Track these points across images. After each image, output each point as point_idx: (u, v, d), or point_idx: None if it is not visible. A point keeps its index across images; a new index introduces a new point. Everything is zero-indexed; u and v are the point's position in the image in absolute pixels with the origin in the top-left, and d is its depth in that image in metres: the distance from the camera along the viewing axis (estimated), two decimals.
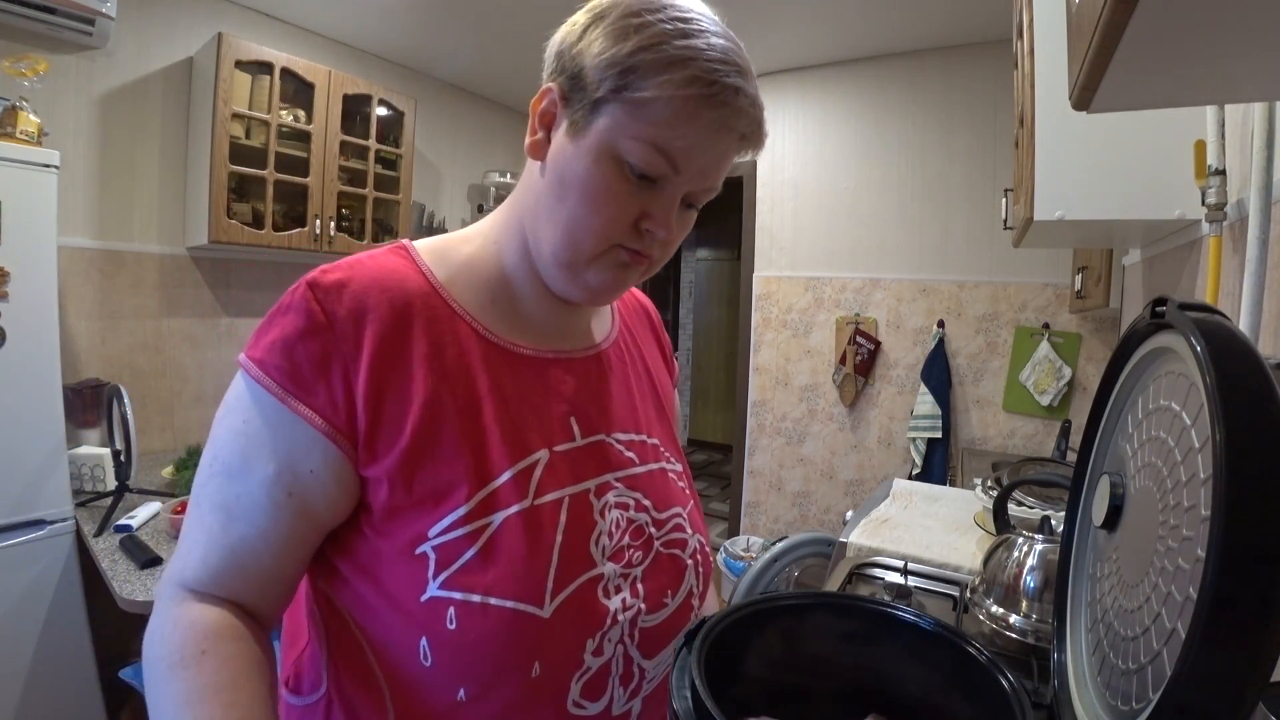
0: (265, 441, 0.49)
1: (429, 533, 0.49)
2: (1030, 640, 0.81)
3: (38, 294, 1.71)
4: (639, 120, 0.48)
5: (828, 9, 2.62)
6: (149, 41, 2.35)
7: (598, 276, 0.54)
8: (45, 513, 1.75)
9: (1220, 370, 0.35)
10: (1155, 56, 0.49)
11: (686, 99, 0.48)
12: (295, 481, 0.49)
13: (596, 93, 0.49)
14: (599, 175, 0.50)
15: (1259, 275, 0.89)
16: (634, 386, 0.67)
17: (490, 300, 0.57)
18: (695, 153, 0.50)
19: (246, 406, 0.49)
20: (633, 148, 0.49)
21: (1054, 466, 1.48)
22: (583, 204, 0.51)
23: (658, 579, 0.58)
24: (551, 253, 0.54)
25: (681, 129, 0.49)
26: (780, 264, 3.36)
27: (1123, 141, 1.15)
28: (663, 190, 0.52)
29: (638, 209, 0.52)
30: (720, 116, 0.49)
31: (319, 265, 0.52)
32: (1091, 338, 2.68)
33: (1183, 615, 0.37)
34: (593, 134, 0.50)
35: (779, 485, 3.40)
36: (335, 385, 0.49)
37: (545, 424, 0.56)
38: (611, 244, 0.53)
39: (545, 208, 0.54)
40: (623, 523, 0.57)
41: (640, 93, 0.48)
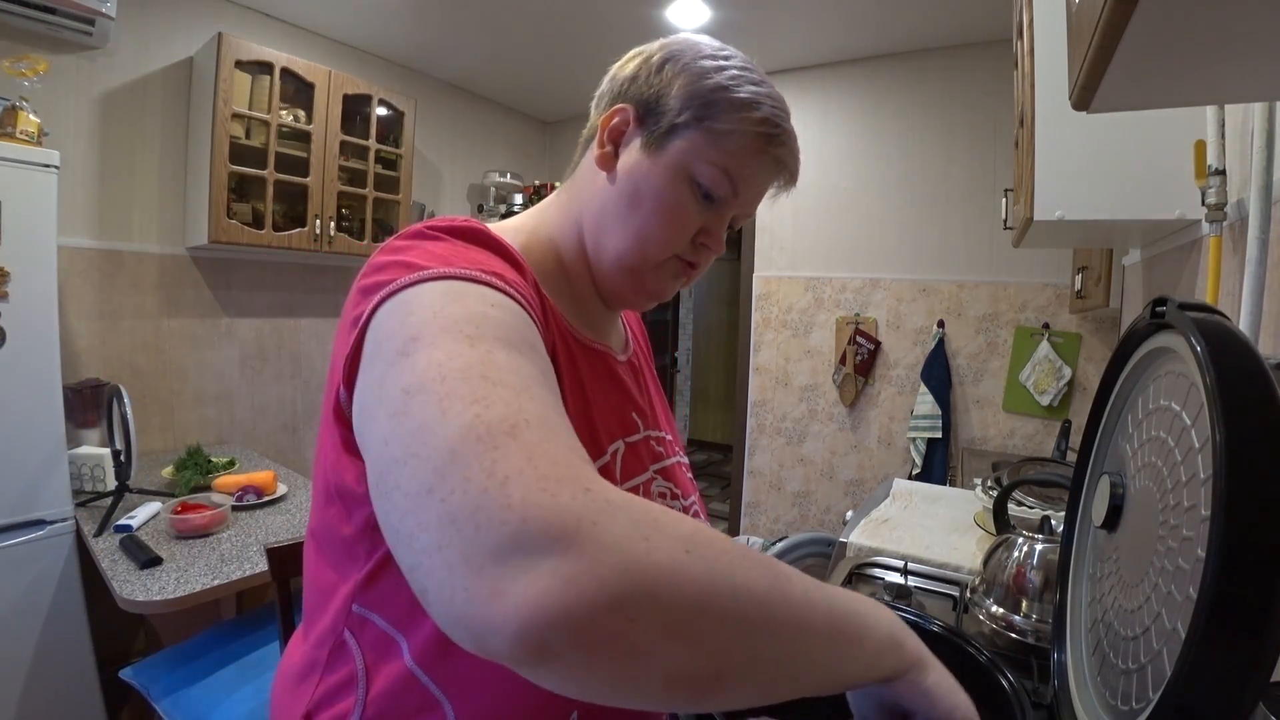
0: (521, 330, 0.40)
1: None
2: (1030, 640, 0.81)
3: (38, 294, 1.71)
4: (715, 148, 0.56)
5: (828, 9, 2.62)
6: (149, 41, 2.35)
7: (656, 283, 0.60)
8: (45, 513, 1.75)
9: (1220, 370, 0.35)
10: (1155, 56, 0.49)
11: (757, 135, 0.56)
12: (546, 368, 0.40)
13: (677, 118, 0.56)
14: (674, 191, 0.56)
15: (1259, 275, 0.89)
16: (651, 387, 0.73)
17: (558, 293, 0.60)
18: (753, 182, 0.58)
19: (478, 299, 0.39)
20: (706, 171, 0.56)
21: (1054, 466, 1.48)
22: (656, 215, 0.57)
23: None
24: (618, 256, 0.58)
25: (749, 160, 0.56)
26: (780, 264, 3.36)
27: (1123, 141, 1.15)
28: (720, 211, 0.59)
29: (698, 225, 0.58)
30: (779, 154, 0.58)
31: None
32: (1091, 338, 2.68)
33: (1183, 615, 0.37)
34: (670, 153, 0.56)
35: (779, 485, 3.40)
36: (536, 307, 0.48)
37: (620, 416, 0.62)
38: (673, 254, 0.59)
39: (615, 215, 0.58)
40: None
41: (719, 124, 0.55)
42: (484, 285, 0.41)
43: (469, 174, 3.66)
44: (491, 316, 0.39)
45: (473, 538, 0.27)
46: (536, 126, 4.08)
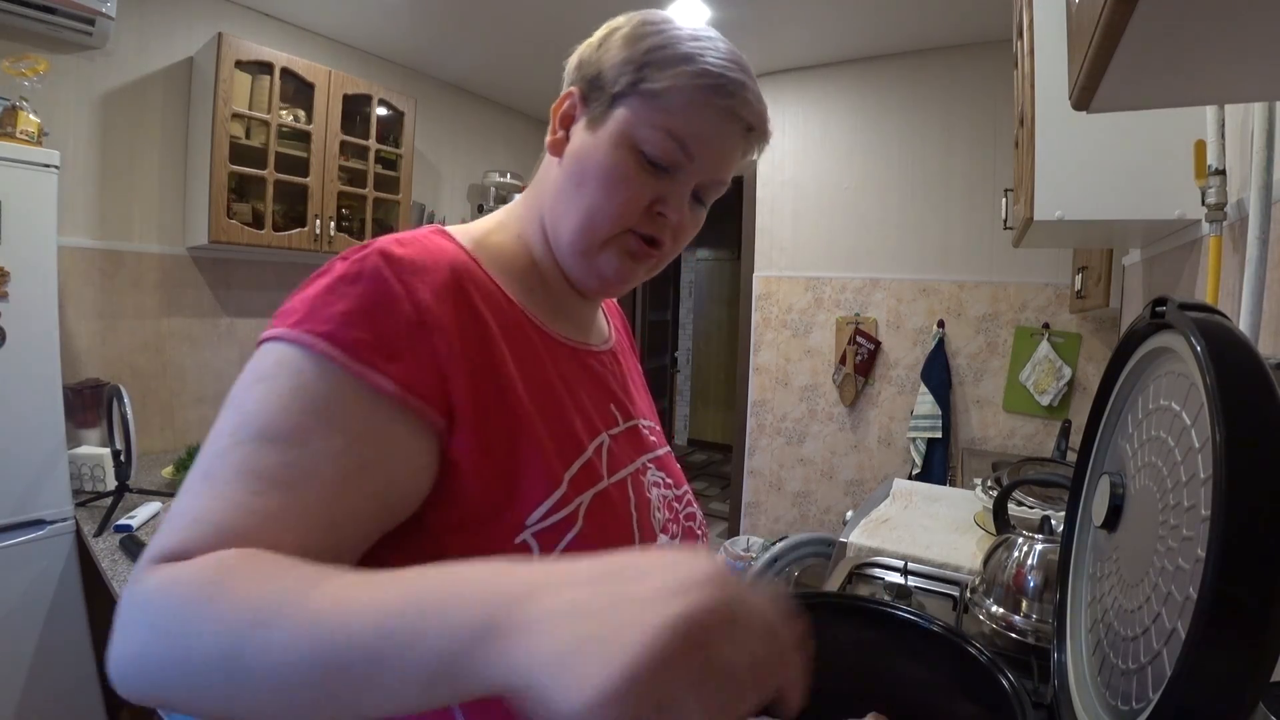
0: (330, 411, 0.41)
1: (527, 520, 0.47)
2: (1030, 640, 0.81)
3: (38, 294, 1.71)
4: (654, 109, 0.53)
5: (828, 9, 2.62)
6: (149, 41, 2.35)
7: (610, 263, 0.57)
8: (45, 513, 1.75)
9: (1220, 370, 0.35)
10: (1155, 56, 0.49)
11: (698, 88, 0.52)
12: (368, 455, 0.41)
13: (614, 88, 0.54)
14: (616, 161, 0.53)
15: (1259, 275, 0.89)
16: (634, 380, 0.71)
17: (528, 290, 0.58)
18: (705, 140, 0.54)
19: (296, 375, 0.42)
20: (648, 135, 0.53)
21: (1054, 466, 1.48)
22: (600, 189, 0.54)
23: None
24: (569, 239, 0.56)
25: (693, 115, 0.53)
26: (780, 264, 3.36)
27: (1123, 141, 1.15)
28: (676, 178, 0.55)
29: (651, 194, 0.55)
30: (728, 105, 0.53)
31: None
32: (1091, 338, 2.68)
33: (1183, 615, 0.37)
34: (610, 124, 0.54)
35: (779, 485, 3.40)
36: (422, 357, 0.44)
37: (600, 409, 0.59)
38: (625, 228, 0.55)
39: (565, 196, 0.56)
40: (661, 501, 0.61)
41: (655, 84, 0.52)
42: (316, 353, 0.42)
43: (469, 174, 3.66)
44: (275, 408, 0.41)
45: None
46: (536, 126, 4.08)
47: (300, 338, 0.42)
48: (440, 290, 0.47)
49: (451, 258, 0.51)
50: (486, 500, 0.47)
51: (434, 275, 0.48)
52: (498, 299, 0.53)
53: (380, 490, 0.43)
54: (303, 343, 0.42)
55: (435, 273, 0.48)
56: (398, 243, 0.48)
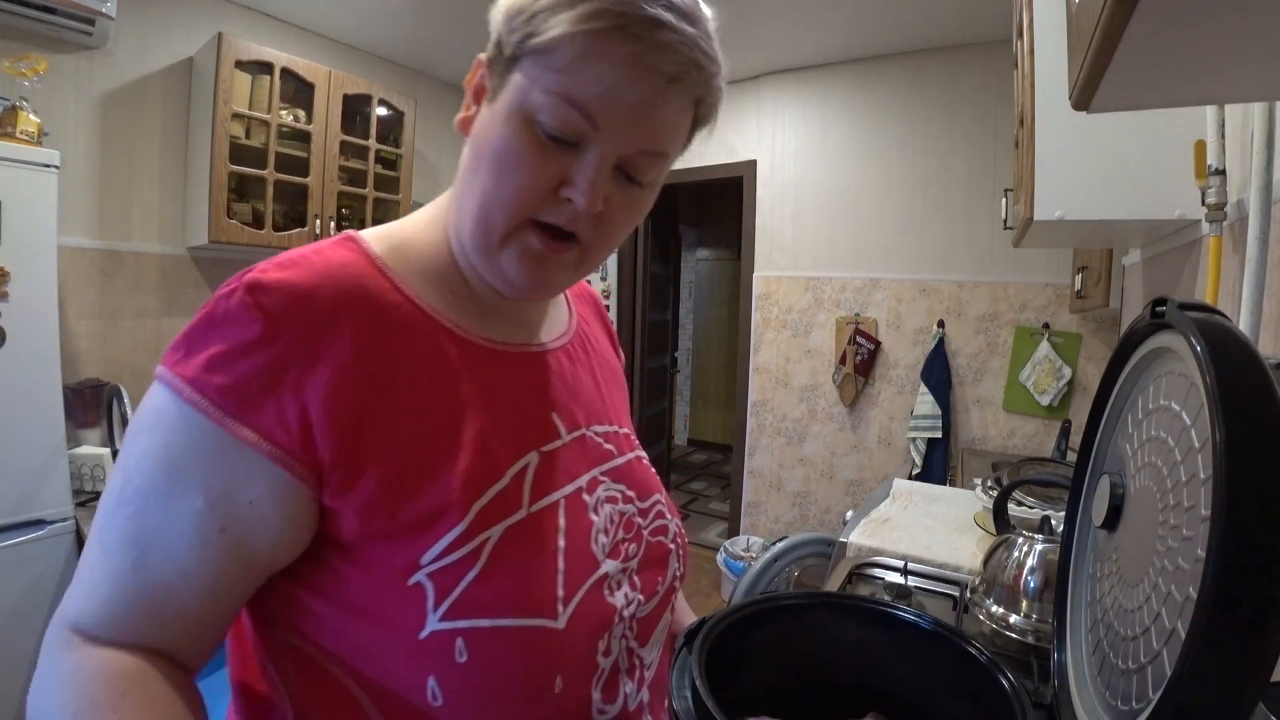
0: (194, 468, 0.41)
1: (421, 560, 0.43)
2: (1030, 640, 0.81)
3: (38, 294, 1.71)
4: (545, 69, 0.43)
5: (829, 9, 2.62)
6: (149, 41, 2.35)
7: (511, 262, 0.48)
8: (45, 513, 1.75)
9: (1220, 370, 0.35)
10: (1155, 56, 0.49)
11: (591, 34, 0.42)
12: (230, 516, 0.41)
13: (508, 50, 0.45)
14: (508, 138, 0.45)
15: (1259, 275, 0.89)
16: (599, 376, 0.64)
17: (451, 294, 0.52)
18: (611, 101, 0.43)
19: (169, 427, 0.41)
20: (542, 103, 0.43)
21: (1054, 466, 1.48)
22: (494, 171, 0.46)
23: (650, 569, 0.56)
24: (469, 236, 0.49)
25: (589, 71, 0.42)
26: (780, 264, 3.36)
27: (1123, 141, 1.15)
28: (584, 153, 0.45)
29: (554, 175, 0.45)
30: (634, 52, 0.42)
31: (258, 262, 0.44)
32: (1091, 338, 2.68)
33: (1183, 615, 0.37)
34: (504, 95, 0.46)
35: (779, 485, 3.40)
36: (286, 404, 0.41)
37: (530, 424, 0.52)
38: (525, 216, 0.46)
39: (463, 185, 0.49)
40: (615, 517, 0.55)
41: (542, 37, 0.43)
42: (183, 401, 0.41)
43: None
44: (148, 467, 0.42)
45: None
46: None
47: (171, 381, 0.41)
48: (318, 320, 0.43)
49: (343, 275, 0.45)
50: (374, 542, 0.43)
51: (312, 304, 0.43)
52: (402, 312, 0.47)
53: (245, 547, 0.42)
54: (173, 388, 0.41)
55: (315, 300, 0.43)
56: (279, 266, 0.43)
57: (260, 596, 0.46)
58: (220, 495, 0.41)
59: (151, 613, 0.42)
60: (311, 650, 0.46)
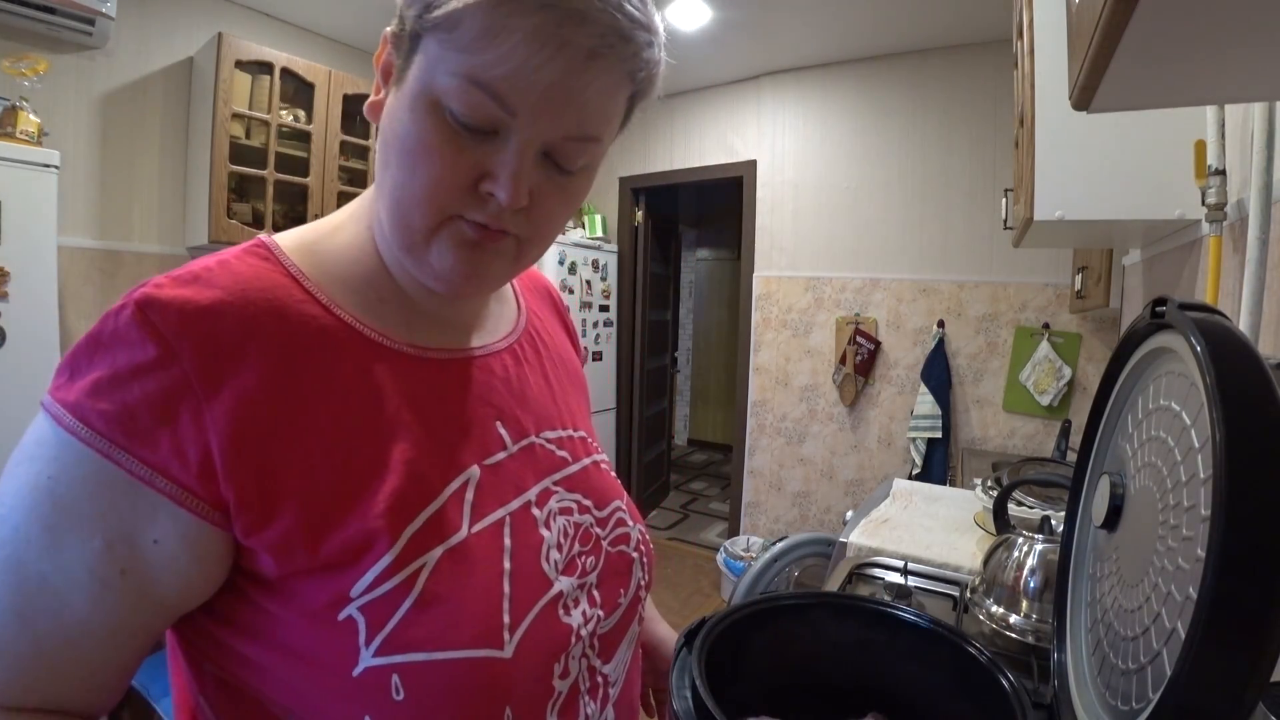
0: (85, 508, 0.36)
1: (351, 593, 0.39)
2: (1030, 640, 0.81)
3: (38, 294, 1.72)
4: (448, 48, 0.38)
5: (828, 9, 2.62)
6: (149, 41, 2.35)
7: (441, 259, 0.43)
8: None
9: (1220, 370, 0.35)
10: (1155, 56, 0.49)
11: (493, 4, 0.37)
12: (132, 556, 0.37)
13: (410, 25, 0.40)
14: (417, 128, 0.40)
15: (1259, 275, 0.89)
16: (552, 376, 0.59)
17: (378, 299, 0.47)
18: (524, 82, 0.38)
19: (54, 460, 0.37)
20: (448, 86, 0.39)
21: (1054, 466, 1.48)
22: (402, 167, 0.41)
23: (610, 581, 0.53)
24: (391, 233, 0.45)
25: (495, 49, 0.37)
26: (780, 264, 3.36)
27: (1123, 141, 1.15)
28: (504, 142, 0.40)
29: (470, 168, 0.41)
30: (544, 23, 0.37)
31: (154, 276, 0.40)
32: (1091, 338, 2.68)
33: (1183, 615, 0.37)
34: (409, 79, 0.41)
35: (779, 485, 3.40)
36: (184, 434, 0.37)
37: (470, 435, 0.48)
38: (445, 214, 0.42)
39: (378, 178, 0.44)
40: (570, 529, 0.51)
41: (442, 9, 0.38)
42: (67, 431, 0.37)
43: None
44: (31, 504, 0.37)
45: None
46: None
47: (56, 411, 0.37)
48: (221, 342, 0.38)
49: (251, 288, 0.41)
50: (297, 576, 0.39)
51: (214, 323, 0.38)
52: (319, 325, 0.43)
53: (149, 591, 0.38)
54: (53, 414, 0.37)
55: (218, 319, 0.39)
56: (177, 281, 0.39)
57: (184, 634, 0.43)
58: (120, 535, 0.37)
59: (45, 668, 0.38)
60: (242, 687, 0.43)
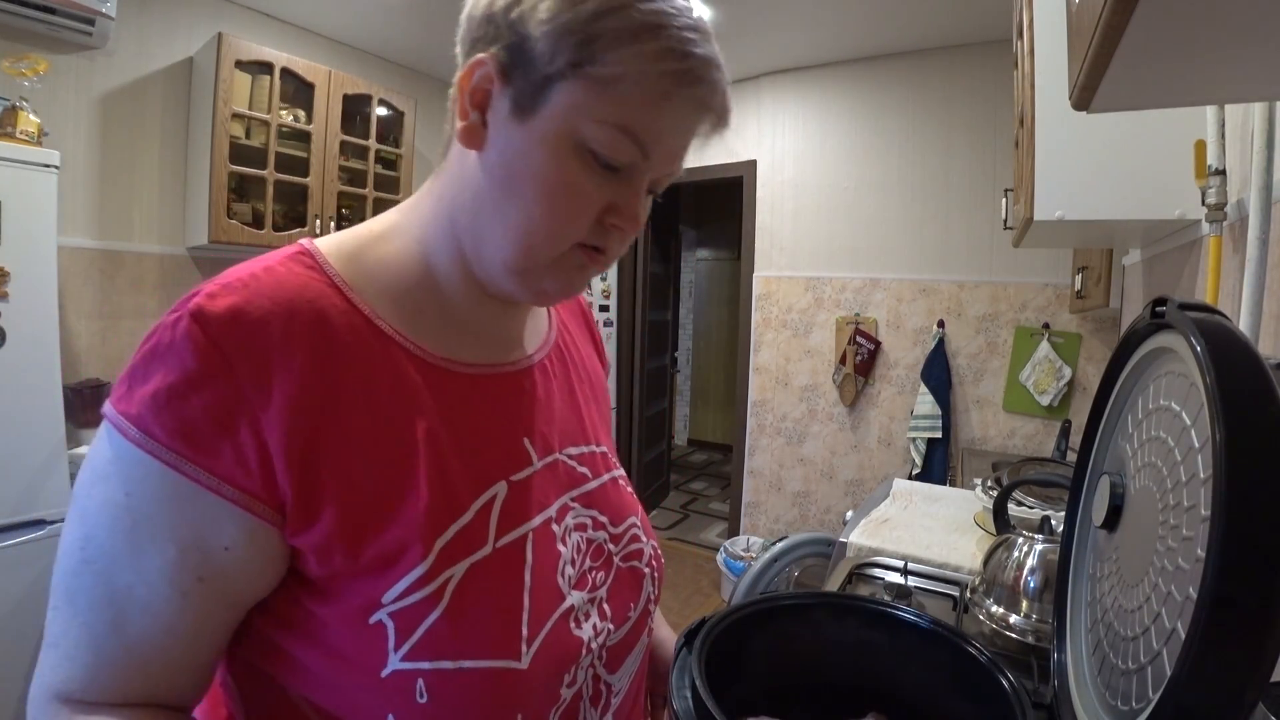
0: (159, 520, 0.39)
1: (383, 599, 0.42)
2: (1030, 640, 0.81)
3: (38, 294, 1.71)
4: (604, 100, 0.42)
5: (828, 9, 2.62)
6: (149, 41, 2.35)
7: (555, 282, 0.48)
8: (45, 513, 1.75)
9: (1220, 370, 0.35)
10: (1155, 56, 0.49)
11: (661, 75, 0.42)
12: (207, 563, 0.40)
13: (549, 67, 0.42)
14: (558, 167, 0.43)
15: (1259, 275, 0.89)
16: (577, 391, 0.61)
17: (418, 311, 0.49)
18: (668, 135, 0.45)
19: (127, 476, 0.39)
20: (598, 133, 0.42)
21: (1054, 466, 1.48)
22: (540, 202, 0.44)
23: (621, 595, 0.55)
24: (502, 259, 0.47)
25: (655, 109, 0.43)
26: (780, 264, 3.36)
27: (1123, 141, 1.15)
28: (630, 179, 0.45)
29: (602, 202, 0.45)
30: (697, 94, 0.44)
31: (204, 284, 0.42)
32: (1091, 338, 2.68)
33: (1183, 615, 0.37)
34: (546, 117, 0.43)
35: (779, 485, 3.40)
36: (244, 442, 0.39)
37: (499, 451, 0.50)
38: (572, 243, 0.46)
39: (491, 206, 0.46)
40: (583, 545, 0.53)
41: (604, 68, 0.41)
42: (135, 445, 0.39)
43: None
44: (111, 521, 0.40)
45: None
46: None
47: (118, 421, 0.39)
48: (271, 350, 0.40)
49: (298, 298, 0.43)
50: (334, 580, 0.42)
51: (264, 333, 0.40)
52: (361, 336, 0.45)
53: (226, 592, 0.42)
54: (120, 429, 0.39)
55: (267, 328, 0.40)
56: (226, 290, 0.41)
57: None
58: (192, 544, 0.39)
59: (140, 670, 0.41)
60: (271, 674, 0.45)
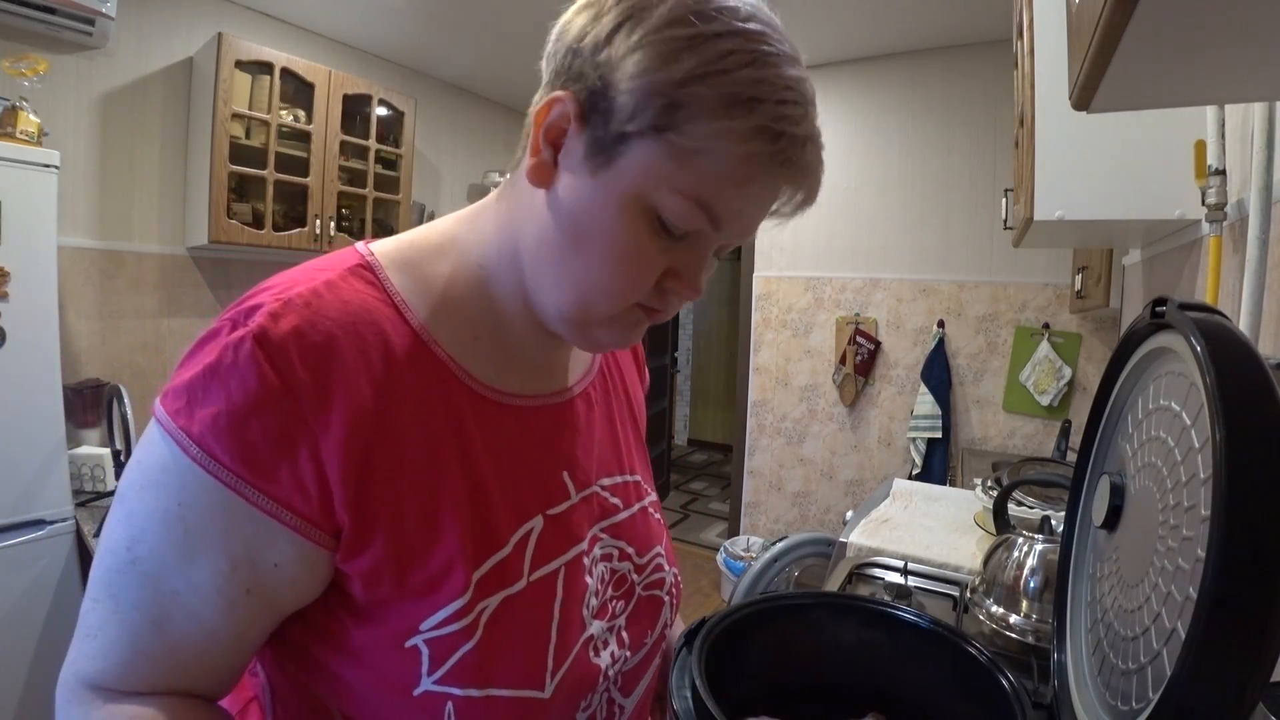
0: (212, 534, 0.39)
1: (420, 626, 0.43)
2: (1030, 640, 0.81)
3: (38, 294, 1.71)
4: (683, 171, 0.39)
5: (828, 9, 2.62)
6: (149, 41, 2.35)
7: (609, 335, 0.47)
8: (45, 513, 1.75)
9: (1220, 370, 0.35)
10: (1155, 56, 0.49)
11: (747, 157, 0.39)
12: (255, 578, 0.41)
13: (628, 124, 0.39)
14: (626, 229, 0.42)
15: (1259, 275, 0.89)
16: (617, 419, 0.62)
17: (472, 336, 0.49)
18: (744, 213, 0.42)
19: (182, 488, 0.39)
20: (672, 202, 0.40)
21: (1054, 466, 1.48)
22: (604, 263, 0.43)
23: (639, 623, 0.56)
24: (558, 308, 0.46)
25: (736, 190, 0.40)
26: (780, 264, 3.36)
27: (1123, 141, 1.15)
28: (695, 245, 0.44)
29: (664, 266, 0.44)
30: (784, 177, 0.41)
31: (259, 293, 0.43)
32: (1091, 338, 2.68)
33: (1183, 615, 0.37)
34: (619, 173, 0.41)
35: (779, 485, 3.40)
36: (303, 467, 0.39)
37: (539, 484, 0.51)
38: (630, 304, 0.45)
39: (554, 253, 0.45)
40: (608, 575, 0.54)
41: (689, 139, 0.39)
42: (193, 461, 0.39)
43: (469, 174, 3.66)
44: (162, 526, 0.40)
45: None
46: None
47: (176, 435, 0.39)
48: (333, 377, 0.40)
49: (360, 321, 0.43)
50: (378, 604, 0.43)
51: (326, 355, 0.40)
52: (422, 363, 0.45)
53: (271, 604, 0.43)
54: (179, 443, 0.39)
55: (330, 351, 0.40)
56: (288, 308, 0.40)
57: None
58: (243, 559, 0.40)
59: (176, 668, 0.42)
60: (307, 685, 0.47)
